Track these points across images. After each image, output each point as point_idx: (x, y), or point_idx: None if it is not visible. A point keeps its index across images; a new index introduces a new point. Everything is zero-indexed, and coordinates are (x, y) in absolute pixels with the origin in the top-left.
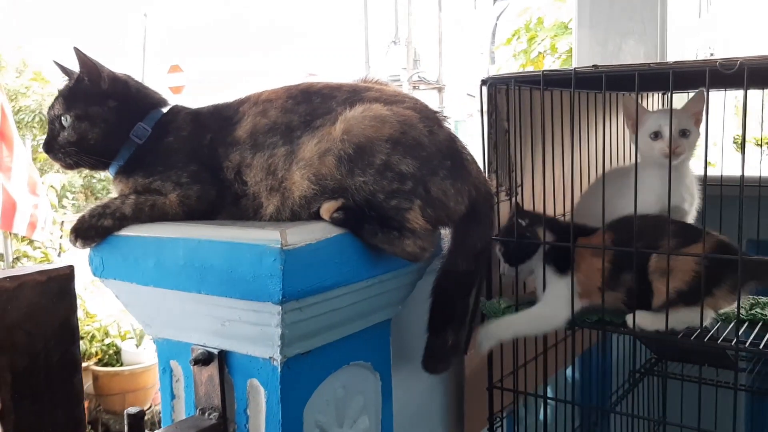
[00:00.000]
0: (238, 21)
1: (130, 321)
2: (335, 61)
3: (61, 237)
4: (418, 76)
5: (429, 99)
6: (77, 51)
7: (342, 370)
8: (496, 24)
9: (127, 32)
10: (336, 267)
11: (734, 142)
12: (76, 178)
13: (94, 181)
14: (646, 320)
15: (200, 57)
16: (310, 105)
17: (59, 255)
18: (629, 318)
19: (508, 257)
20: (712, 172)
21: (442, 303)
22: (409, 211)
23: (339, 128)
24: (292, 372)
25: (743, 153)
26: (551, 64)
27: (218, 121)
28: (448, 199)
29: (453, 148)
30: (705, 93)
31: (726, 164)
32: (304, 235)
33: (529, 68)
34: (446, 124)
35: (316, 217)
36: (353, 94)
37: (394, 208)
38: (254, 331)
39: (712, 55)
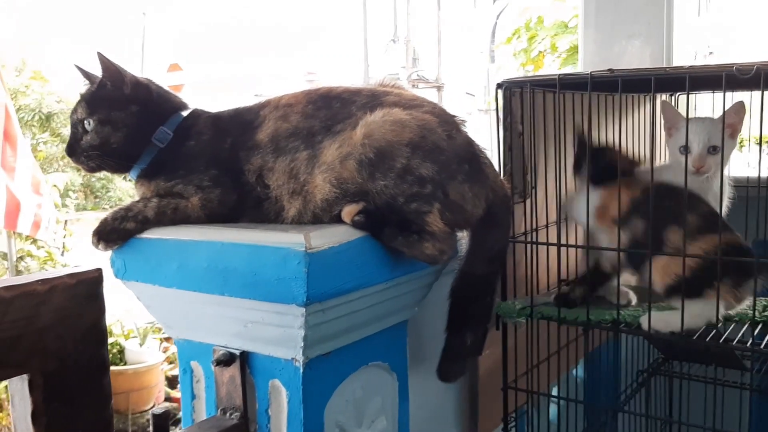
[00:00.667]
0: (236, 23)
1: (133, 320)
2: (334, 60)
3: (64, 236)
4: (417, 75)
5: (428, 97)
6: (100, 56)
7: (361, 370)
8: (496, 23)
9: (128, 32)
10: (357, 269)
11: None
12: (75, 176)
13: (93, 179)
14: (660, 322)
15: (200, 60)
16: (331, 110)
17: (62, 254)
18: (644, 320)
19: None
20: None
21: (461, 304)
22: (429, 214)
23: (360, 133)
24: (314, 373)
25: (760, 154)
26: (551, 63)
27: (239, 125)
28: (466, 203)
29: (471, 152)
30: (743, 103)
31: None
32: (327, 238)
33: (529, 67)
34: (464, 128)
35: (337, 220)
36: (372, 99)
37: (414, 212)
38: (277, 332)
39: (711, 54)
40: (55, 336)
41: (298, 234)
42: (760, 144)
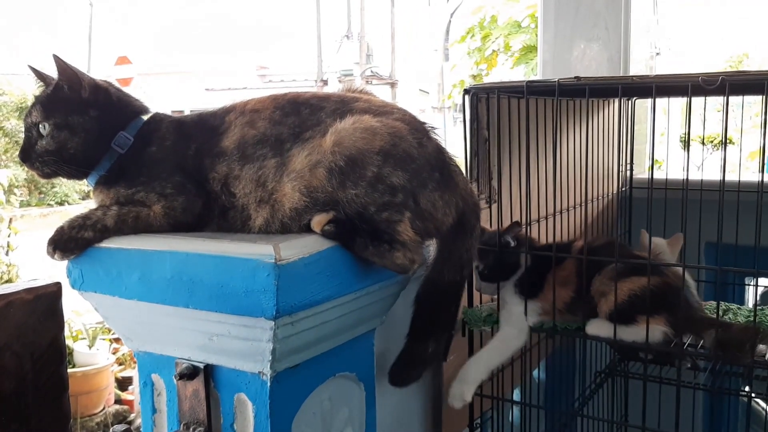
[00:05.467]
0: (188, 18)
1: (81, 321)
2: (287, 56)
3: (9, 235)
4: (371, 71)
5: (381, 94)
6: (56, 58)
7: (328, 382)
8: (450, 21)
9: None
10: (327, 280)
11: (681, 141)
12: (19, 171)
13: None
14: (600, 329)
15: (150, 52)
16: (299, 116)
17: (7, 254)
18: (588, 326)
19: (487, 275)
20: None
21: (426, 312)
22: (400, 223)
23: (330, 140)
24: (282, 386)
25: (724, 158)
26: (504, 62)
27: (203, 130)
28: (437, 211)
29: (441, 160)
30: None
31: (673, 164)
32: (297, 249)
33: (483, 66)
34: (434, 136)
35: (306, 229)
36: (342, 105)
37: (385, 221)
38: (244, 346)
39: (658, 54)
40: (12, 354)
41: (267, 245)
42: (724, 146)
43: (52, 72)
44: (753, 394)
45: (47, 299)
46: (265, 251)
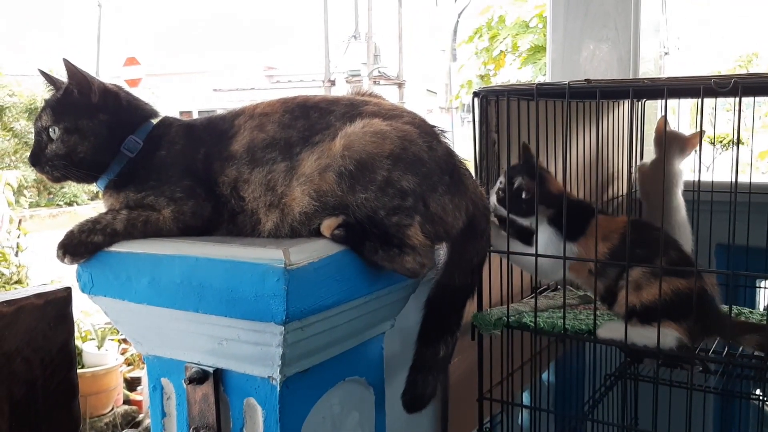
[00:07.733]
0: (194, 18)
1: (90, 321)
2: (295, 56)
3: (18, 236)
4: (379, 71)
5: (389, 94)
6: (66, 62)
7: (338, 386)
8: (457, 21)
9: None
10: (337, 285)
11: None
12: (29, 172)
13: None
14: (613, 332)
15: (158, 52)
16: (308, 120)
17: (17, 255)
18: (600, 329)
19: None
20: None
21: (436, 316)
22: (410, 227)
23: (339, 144)
24: (291, 391)
25: (736, 158)
26: (512, 62)
27: (212, 134)
28: (447, 215)
29: (451, 164)
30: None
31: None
32: (306, 253)
33: (490, 66)
34: (444, 139)
35: (316, 233)
36: (351, 109)
37: (395, 225)
38: (254, 350)
39: (666, 54)
40: (23, 360)
41: (276, 249)
42: (737, 147)
43: (62, 75)
44: (765, 398)
45: (57, 304)
46: (274, 256)
